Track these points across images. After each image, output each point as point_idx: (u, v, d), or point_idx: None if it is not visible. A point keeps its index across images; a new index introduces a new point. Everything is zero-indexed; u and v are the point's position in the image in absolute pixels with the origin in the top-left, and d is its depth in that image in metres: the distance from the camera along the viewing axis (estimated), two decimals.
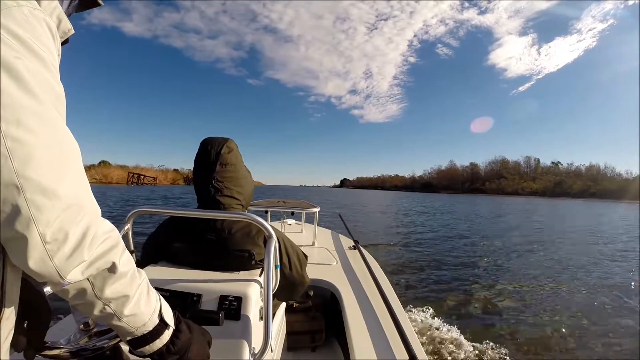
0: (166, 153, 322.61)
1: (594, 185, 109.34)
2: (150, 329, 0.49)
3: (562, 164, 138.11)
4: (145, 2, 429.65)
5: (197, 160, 1.06)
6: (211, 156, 1.03)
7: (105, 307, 0.44)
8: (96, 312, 0.44)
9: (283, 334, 1.52)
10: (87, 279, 0.41)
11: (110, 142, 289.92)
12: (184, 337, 0.54)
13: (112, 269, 0.43)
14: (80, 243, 0.38)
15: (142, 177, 71.27)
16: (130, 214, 1.03)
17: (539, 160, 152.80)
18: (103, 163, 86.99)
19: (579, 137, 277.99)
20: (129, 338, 0.49)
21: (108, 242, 0.42)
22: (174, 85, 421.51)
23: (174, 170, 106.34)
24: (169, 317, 0.54)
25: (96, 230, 0.40)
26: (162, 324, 0.51)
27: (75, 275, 0.39)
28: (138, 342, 0.49)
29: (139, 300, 0.48)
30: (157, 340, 0.50)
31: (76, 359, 0.53)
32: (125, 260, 0.45)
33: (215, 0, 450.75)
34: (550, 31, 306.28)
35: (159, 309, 0.52)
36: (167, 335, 0.52)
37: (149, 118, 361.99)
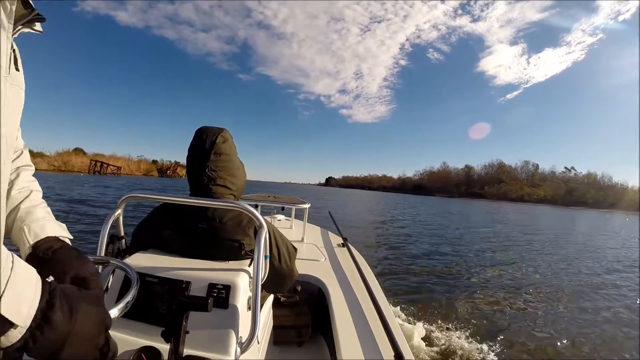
0: (150, 144, 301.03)
1: (612, 195, 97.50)
2: None
3: (575, 170, 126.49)
4: None
5: (192, 149, 1.05)
6: (206, 145, 1.02)
7: None
8: None
9: (270, 328, 1.50)
10: None
11: (96, 131, 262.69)
12: (53, 335, 0.40)
13: None
14: None
15: (106, 166, 65.79)
16: (121, 199, 0.99)
17: (537, 165, 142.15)
18: (76, 151, 79.50)
19: (569, 145, 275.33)
20: None
21: None
22: (164, 76, 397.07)
23: (153, 161, 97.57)
24: (23, 313, 0.38)
25: None
26: (4, 323, 0.37)
27: None
28: None
29: None
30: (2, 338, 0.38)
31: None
32: None
33: None
34: (541, 42, 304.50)
35: None
36: (14, 335, 0.37)
37: (135, 108, 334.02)
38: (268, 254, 1.01)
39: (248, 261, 0.98)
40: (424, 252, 7.62)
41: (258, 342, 0.87)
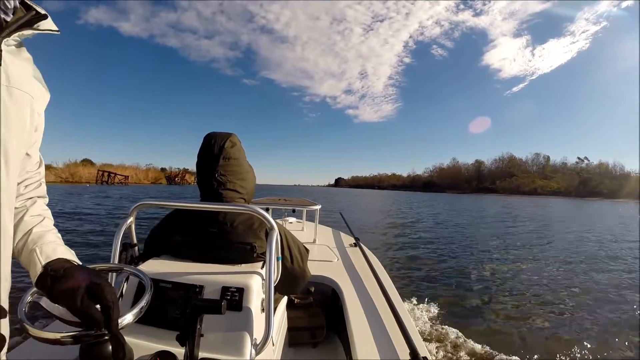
0: (158, 151, 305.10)
1: (627, 184, 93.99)
2: None
3: (588, 160, 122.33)
4: (143, 2, 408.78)
5: (201, 154, 1.07)
6: (215, 150, 1.04)
7: None
8: None
9: (284, 330, 1.49)
10: None
11: (103, 142, 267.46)
12: None
13: None
14: None
15: (113, 175, 67.00)
16: (133, 207, 1.00)
17: (548, 157, 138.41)
18: (84, 162, 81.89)
19: (576, 136, 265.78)
20: None
21: None
22: (168, 84, 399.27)
23: (161, 169, 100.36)
24: None
25: None
26: None
27: None
28: None
29: None
30: None
31: (77, 344, 0.52)
32: None
33: (212, 0, 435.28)
34: (544, 33, 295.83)
35: None
36: None
37: (142, 117, 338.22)
38: (280, 255, 1.00)
39: (260, 264, 0.99)
40: (438, 249, 6.72)
41: (273, 344, 0.89)
